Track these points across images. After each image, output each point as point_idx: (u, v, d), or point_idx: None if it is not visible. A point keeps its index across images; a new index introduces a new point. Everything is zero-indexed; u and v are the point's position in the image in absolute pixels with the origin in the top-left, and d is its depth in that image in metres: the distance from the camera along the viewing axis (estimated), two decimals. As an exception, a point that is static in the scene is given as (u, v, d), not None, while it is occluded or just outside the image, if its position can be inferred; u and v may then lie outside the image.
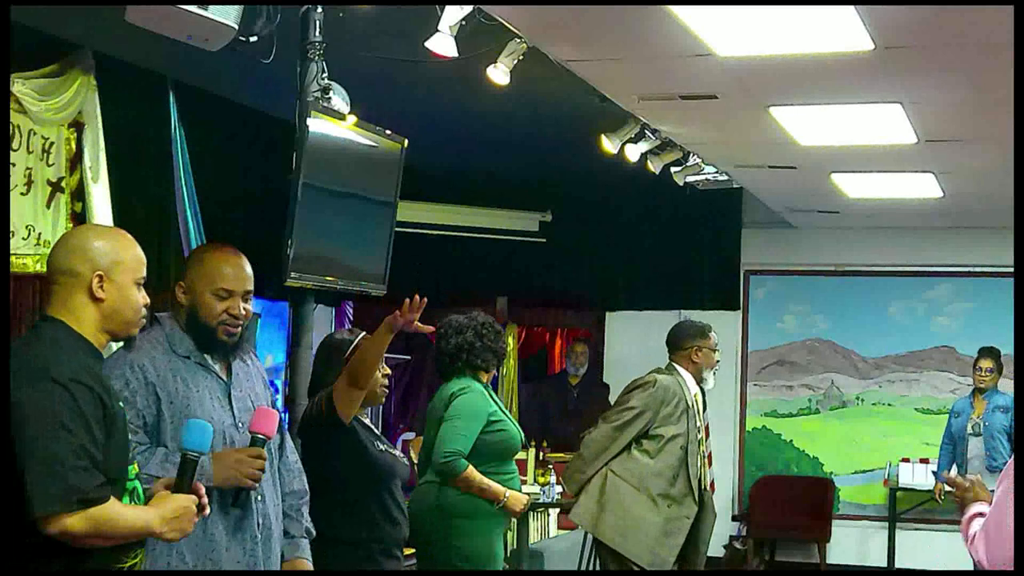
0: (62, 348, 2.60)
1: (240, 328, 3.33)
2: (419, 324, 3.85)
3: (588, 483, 5.54)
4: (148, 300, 2.77)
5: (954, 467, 8.35)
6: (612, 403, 5.94)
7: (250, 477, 3.21)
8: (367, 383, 3.93)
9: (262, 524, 3.34)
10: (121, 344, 3.13)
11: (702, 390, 5.80)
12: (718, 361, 5.81)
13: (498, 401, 4.89)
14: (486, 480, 4.59)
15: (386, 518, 4.09)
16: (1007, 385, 8.80)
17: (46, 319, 2.68)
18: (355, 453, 4.02)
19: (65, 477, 2.46)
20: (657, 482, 5.43)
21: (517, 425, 4.92)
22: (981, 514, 3.30)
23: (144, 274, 2.77)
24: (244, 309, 3.33)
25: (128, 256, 2.73)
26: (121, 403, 2.68)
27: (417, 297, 3.81)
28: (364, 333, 4.21)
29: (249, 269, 3.38)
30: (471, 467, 4.56)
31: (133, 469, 2.71)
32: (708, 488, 5.73)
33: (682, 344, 5.69)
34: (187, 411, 3.17)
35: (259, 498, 3.33)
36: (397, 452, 4.28)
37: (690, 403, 5.55)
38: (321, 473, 3.94)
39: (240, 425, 3.31)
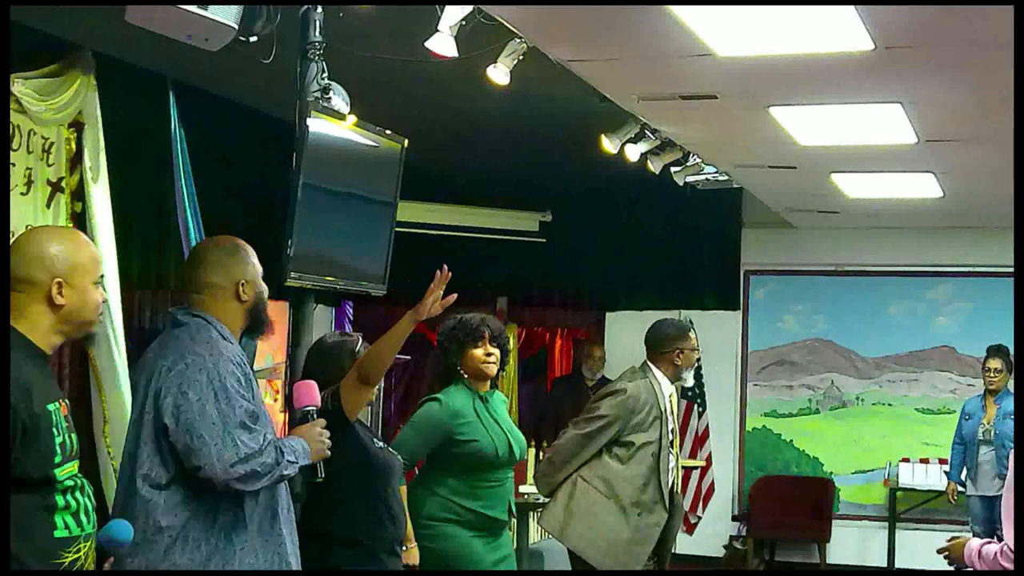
0: None
1: None
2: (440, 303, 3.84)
3: (558, 488, 5.45)
4: (105, 296, 2.84)
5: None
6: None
7: (328, 447, 3.45)
8: (379, 379, 3.95)
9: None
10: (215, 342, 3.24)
11: (696, 393, 5.76)
12: (698, 358, 5.72)
13: (486, 407, 4.76)
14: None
15: (388, 516, 4.10)
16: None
17: None
18: (357, 451, 4.02)
19: None
20: (627, 489, 5.32)
21: (505, 431, 4.76)
22: (988, 541, 3.36)
23: (102, 271, 2.82)
24: None
25: (85, 258, 2.78)
26: (50, 406, 2.66)
27: (444, 268, 3.81)
28: (359, 335, 4.25)
29: None
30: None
31: (69, 470, 2.70)
32: (678, 491, 5.65)
33: (663, 346, 5.51)
34: (259, 407, 3.28)
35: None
36: (392, 450, 4.30)
37: (663, 408, 5.40)
38: (326, 471, 3.96)
39: None
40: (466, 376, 4.73)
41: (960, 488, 8.54)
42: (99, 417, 6.25)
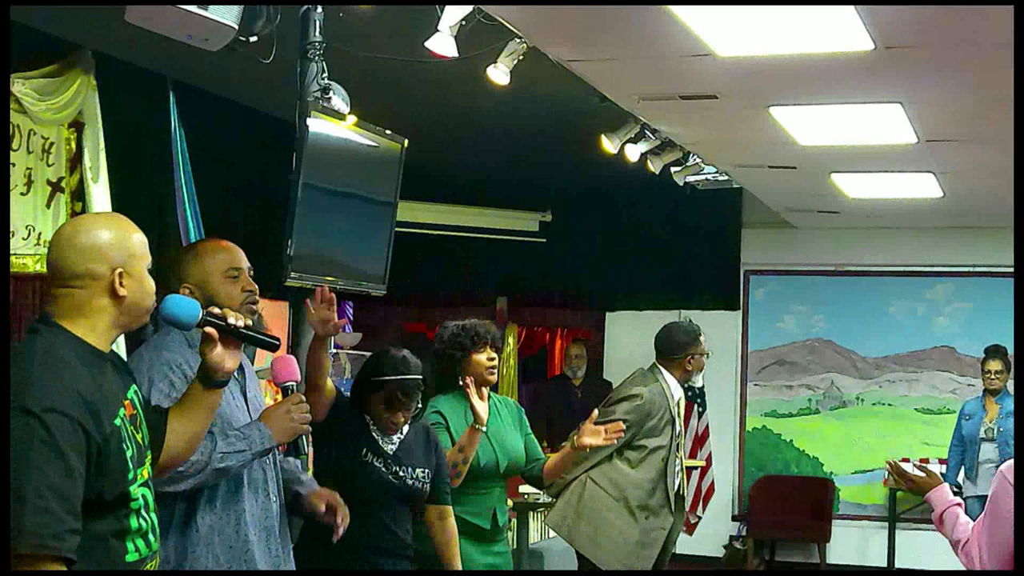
0: (45, 367, 2.42)
1: (258, 302, 3.32)
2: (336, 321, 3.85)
3: (566, 488, 5.48)
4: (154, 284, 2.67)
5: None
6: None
7: (303, 422, 3.24)
8: (323, 387, 3.92)
9: (279, 517, 3.34)
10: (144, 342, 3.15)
11: (698, 394, 5.79)
12: (705, 364, 5.76)
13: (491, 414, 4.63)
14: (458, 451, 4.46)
15: (370, 532, 3.96)
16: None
17: (45, 323, 2.53)
18: (333, 466, 3.99)
19: (20, 517, 2.28)
20: (636, 493, 5.37)
21: (494, 449, 4.60)
22: (959, 504, 3.31)
23: (150, 257, 2.64)
24: (253, 283, 3.33)
25: (137, 243, 2.60)
26: (117, 420, 2.50)
27: (324, 289, 3.85)
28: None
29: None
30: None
31: (141, 476, 2.56)
32: (684, 493, 5.68)
33: (675, 352, 5.52)
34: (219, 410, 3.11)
35: (275, 496, 3.33)
36: (410, 479, 4.10)
37: (673, 412, 5.47)
38: (316, 472, 3.99)
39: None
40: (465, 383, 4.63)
41: (955, 490, 8.57)
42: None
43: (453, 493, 4.44)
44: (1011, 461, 3.19)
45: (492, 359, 4.59)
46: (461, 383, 4.49)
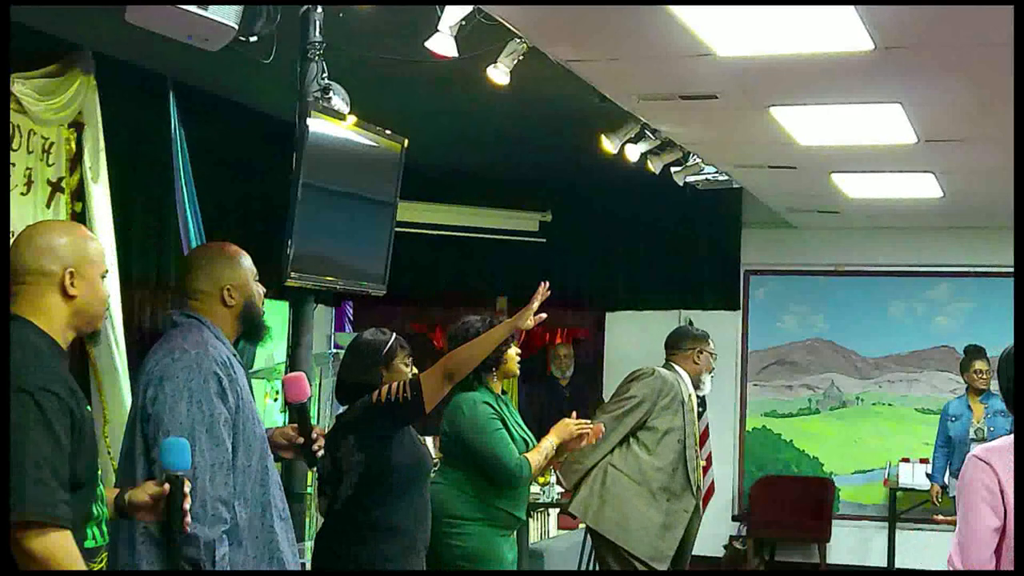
0: (30, 352, 2.57)
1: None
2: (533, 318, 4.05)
3: (587, 476, 5.58)
4: (109, 293, 2.82)
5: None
6: (607, 397, 5.99)
7: None
8: (462, 378, 4.03)
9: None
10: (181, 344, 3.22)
11: (699, 398, 5.86)
12: (714, 368, 5.89)
13: (507, 410, 4.77)
14: (541, 450, 4.58)
15: (426, 512, 4.19)
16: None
17: (14, 319, 2.65)
18: (410, 447, 4.13)
19: (21, 489, 2.42)
20: (658, 476, 5.50)
21: (525, 432, 4.79)
22: None
23: (106, 267, 2.80)
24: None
25: (92, 250, 2.76)
26: (90, 408, 2.65)
27: (545, 285, 4.02)
28: (395, 334, 4.32)
29: None
30: (530, 457, 4.54)
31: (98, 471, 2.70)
32: (698, 488, 5.77)
33: (685, 345, 5.77)
34: (246, 409, 3.22)
35: (281, 487, 3.41)
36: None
37: (685, 399, 5.59)
38: (382, 464, 4.05)
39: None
40: (489, 377, 4.72)
41: (942, 488, 8.57)
42: (99, 417, 6.25)
43: (499, 490, 4.56)
44: (983, 445, 3.20)
45: (518, 352, 4.82)
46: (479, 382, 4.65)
